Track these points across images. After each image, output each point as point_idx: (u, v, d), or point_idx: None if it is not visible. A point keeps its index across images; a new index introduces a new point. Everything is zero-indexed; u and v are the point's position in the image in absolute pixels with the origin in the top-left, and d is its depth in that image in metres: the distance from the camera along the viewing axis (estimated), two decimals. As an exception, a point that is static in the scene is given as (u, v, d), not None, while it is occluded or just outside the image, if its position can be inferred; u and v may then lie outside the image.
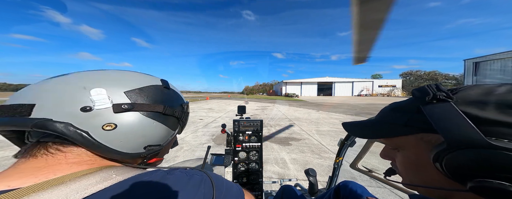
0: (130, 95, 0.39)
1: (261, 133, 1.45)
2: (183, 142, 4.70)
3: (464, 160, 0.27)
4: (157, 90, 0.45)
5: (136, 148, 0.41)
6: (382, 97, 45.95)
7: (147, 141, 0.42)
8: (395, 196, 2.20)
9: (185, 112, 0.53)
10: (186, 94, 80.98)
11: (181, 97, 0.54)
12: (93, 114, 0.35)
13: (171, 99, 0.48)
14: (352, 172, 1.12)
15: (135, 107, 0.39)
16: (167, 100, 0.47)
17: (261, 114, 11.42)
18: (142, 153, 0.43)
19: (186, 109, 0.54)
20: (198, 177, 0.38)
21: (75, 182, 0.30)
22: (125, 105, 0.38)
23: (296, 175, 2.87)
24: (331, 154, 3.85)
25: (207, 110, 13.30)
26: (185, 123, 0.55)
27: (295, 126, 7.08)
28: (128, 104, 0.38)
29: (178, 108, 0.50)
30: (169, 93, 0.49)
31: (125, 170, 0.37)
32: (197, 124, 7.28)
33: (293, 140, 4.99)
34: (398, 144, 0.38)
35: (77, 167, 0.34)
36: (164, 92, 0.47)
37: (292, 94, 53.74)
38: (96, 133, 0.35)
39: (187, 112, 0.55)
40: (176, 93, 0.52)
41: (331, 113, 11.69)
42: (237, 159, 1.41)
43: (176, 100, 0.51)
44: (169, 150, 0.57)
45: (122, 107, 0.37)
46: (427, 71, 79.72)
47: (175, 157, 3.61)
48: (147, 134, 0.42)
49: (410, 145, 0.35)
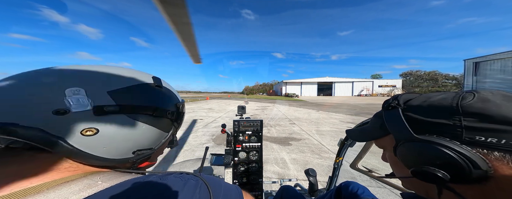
0: (115, 96, 0.35)
1: (261, 133, 1.45)
2: (183, 142, 4.70)
3: (404, 152, 0.35)
4: (147, 90, 0.41)
5: (123, 153, 0.38)
6: (382, 98, 45.92)
7: (136, 146, 0.39)
8: (395, 196, 2.20)
9: (180, 112, 0.50)
10: (186, 94, 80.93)
11: (175, 96, 0.50)
12: (69, 117, 0.31)
13: (163, 99, 0.44)
14: (352, 172, 1.12)
15: (121, 109, 0.35)
16: (159, 100, 0.43)
17: (261, 114, 11.42)
18: (131, 158, 0.40)
19: (181, 108, 0.50)
20: (193, 182, 0.36)
21: (55, 191, 0.27)
22: (108, 107, 0.34)
23: (296, 175, 2.87)
24: (331, 154, 3.86)
25: (207, 110, 13.30)
26: (180, 124, 0.52)
27: (295, 126, 7.08)
28: (112, 105, 0.34)
29: (172, 108, 0.46)
30: (161, 92, 0.45)
31: (113, 175, 0.34)
32: (197, 124, 7.27)
33: (293, 140, 4.98)
34: (382, 145, 0.45)
35: (56, 174, 0.31)
36: (156, 91, 0.43)
37: (292, 95, 53.74)
38: (74, 139, 0.31)
39: (183, 112, 0.51)
40: (170, 92, 0.48)
41: (331, 113, 11.69)
42: (237, 159, 1.41)
43: (170, 99, 0.47)
44: (163, 151, 0.54)
45: (104, 109, 0.33)
46: (427, 71, 79.51)
47: (175, 157, 3.62)
48: (136, 138, 0.38)
49: (387, 144, 0.42)
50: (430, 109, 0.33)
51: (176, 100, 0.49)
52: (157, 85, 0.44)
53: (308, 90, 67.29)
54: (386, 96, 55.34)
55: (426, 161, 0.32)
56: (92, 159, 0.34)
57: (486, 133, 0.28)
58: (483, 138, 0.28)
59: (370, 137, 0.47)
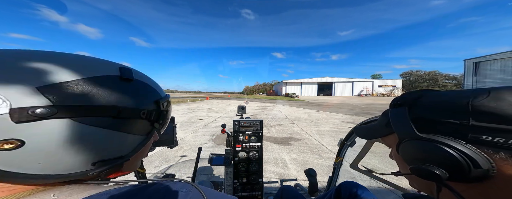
0: (50, 94, 0.26)
1: (261, 133, 1.45)
2: (183, 142, 4.70)
3: (405, 150, 0.36)
4: (107, 84, 0.32)
5: (76, 167, 0.29)
6: (382, 98, 45.94)
7: (95, 156, 0.31)
8: (395, 196, 2.20)
9: (163, 110, 0.41)
10: (186, 94, 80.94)
11: (155, 91, 0.41)
12: None
13: (134, 95, 0.35)
14: (352, 172, 1.12)
15: (60, 112, 0.26)
16: (127, 97, 0.34)
17: (261, 114, 11.42)
18: (90, 171, 0.31)
19: (164, 106, 0.41)
20: (183, 194, 0.30)
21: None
22: (37, 110, 0.24)
23: (296, 175, 2.86)
24: (331, 154, 3.85)
25: (207, 110, 13.30)
26: (164, 124, 0.44)
27: (295, 126, 7.08)
28: (45, 107, 0.25)
29: (149, 107, 0.37)
30: (131, 87, 0.35)
31: (74, 189, 0.27)
32: (197, 124, 7.27)
33: (293, 140, 4.98)
34: (387, 142, 0.45)
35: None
36: (122, 86, 0.34)
37: (292, 95, 53.74)
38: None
39: (166, 110, 0.43)
40: (145, 86, 0.39)
41: (331, 113, 11.68)
42: (237, 159, 1.41)
43: (145, 95, 0.38)
44: (146, 154, 0.46)
45: (29, 113, 0.24)
46: (427, 71, 79.57)
47: (175, 157, 3.62)
48: (93, 147, 0.30)
49: (391, 142, 0.43)
50: (439, 107, 0.33)
51: (157, 96, 0.41)
52: (125, 78, 0.35)
53: (308, 90, 67.29)
54: (386, 96, 55.35)
55: (426, 159, 0.32)
56: (26, 178, 0.26)
57: (494, 133, 0.27)
58: (490, 138, 0.28)
59: (376, 134, 0.47)
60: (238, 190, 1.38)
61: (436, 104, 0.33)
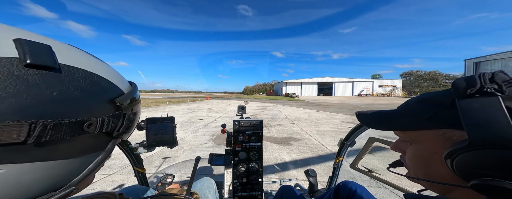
0: None
1: (261, 133, 1.45)
2: (183, 142, 4.70)
3: (486, 159, 0.24)
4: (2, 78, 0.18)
5: None
6: (382, 98, 45.91)
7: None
8: (395, 196, 2.20)
9: (124, 113, 0.27)
10: (187, 94, 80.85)
11: (108, 83, 0.26)
12: None
13: (65, 96, 0.21)
14: (352, 172, 1.12)
15: None
16: (46, 100, 0.19)
17: (261, 114, 11.41)
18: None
19: (128, 106, 0.28)
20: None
21: None
22: None
23: (296, 175, 2.86)
24: (331, 154, 3.86)
25: (207, 110, 13.30)
26: (129, 130, 0.31)
27: (295, 126, 7.07)
28: None
29: (100, 111, 0.24)
30: (53, 81, 0.20)
31: None
32: (197, 124, 7.27)
33: (293, 140, 4.98)
34: (413, 137, 0.35)
35: None
36: (30, 80, 0.19)
37: (292, 94, 53.76)
38: None
39: (133, 113, 0.29)
40: (87, 76, 0.24)
41: (331, 113, 11.68)
42: (237, 159, 1.42)
43: (89, 93, 0.23)
44: (99, 168, 0.31)
45: None
46: (428, 71, 79.49)
47: (175, 157, 3.62)
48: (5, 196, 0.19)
49: (426, 139, 0.33)
50: None
51: (110, 93, 0.26)
52: (35, 66, 0.19)
53: (308, 90, 67.32)
54: (386, 96, 55.27)
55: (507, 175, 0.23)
56: None
57: None
58: None
59: (400, 126, 0.36)
60: (238, 190, 1.38)
61: None
